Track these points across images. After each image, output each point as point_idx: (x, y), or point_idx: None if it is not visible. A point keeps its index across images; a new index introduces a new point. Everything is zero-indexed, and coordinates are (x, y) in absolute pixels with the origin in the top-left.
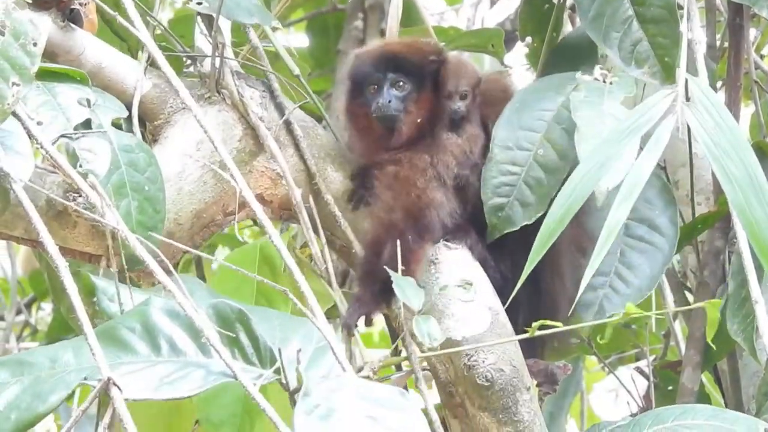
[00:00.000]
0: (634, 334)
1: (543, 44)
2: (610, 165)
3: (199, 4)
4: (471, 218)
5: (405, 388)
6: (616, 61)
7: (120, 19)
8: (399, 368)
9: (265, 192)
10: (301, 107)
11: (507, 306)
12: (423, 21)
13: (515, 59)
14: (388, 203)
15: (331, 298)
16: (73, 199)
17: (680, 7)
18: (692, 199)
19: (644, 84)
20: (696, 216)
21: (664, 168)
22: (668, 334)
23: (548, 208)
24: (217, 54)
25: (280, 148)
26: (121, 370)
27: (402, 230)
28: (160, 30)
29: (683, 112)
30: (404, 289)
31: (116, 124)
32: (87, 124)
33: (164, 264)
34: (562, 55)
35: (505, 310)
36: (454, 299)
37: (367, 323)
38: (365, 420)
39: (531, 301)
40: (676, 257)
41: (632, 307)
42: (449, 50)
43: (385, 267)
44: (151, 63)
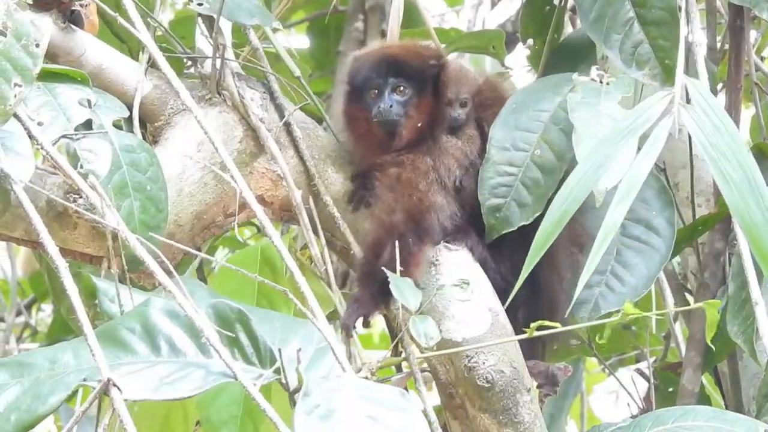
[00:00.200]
0: (635, 336)
1: (544, 46)
2: (608, 166)
3: (199, 5)
4: (471, 220)
5: (405, 389)
6: (617, 63)
7: (121, 20)
8: (399, 369)
9: (266, 193)
10: (301, 108)
11: (506, 306)
12: (424, 22)
13: (516, 61)
14: (389, 205)
15: (332, 300)
16: (74, 200)
17: (681, 9)
18: (692, 201)
19: (642, 85)
20: (696, 218)
21: (663, 170)
22: (668, 336)
23: (545, 209)
24: (217, 55)
25: (280, 149)
26: (120, 371)
27: (402, 233)
28: (160, 31)
29: (680, 113)
30: (402, 289)
31: (117, 126)
32: (88, 124)
33: (165, 265)
34: (562, 57)
35: (505, 310)
36: (454, 300)
37: (365, 324)
38: (365, 420)
39: (530, 301)
40: (677, 259)
41: (630, 308)
42: (450, 52)
43: (384, 268)
44: (152, 64)
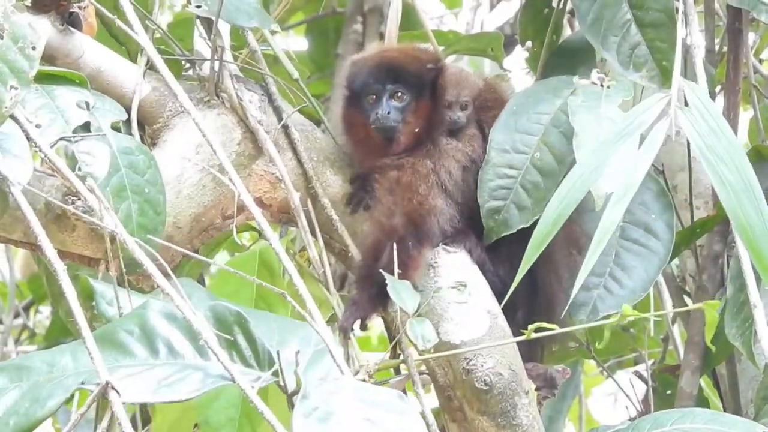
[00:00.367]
0: (633, 338)
1: (542, 48)
2: (604, 168)
3: (198, 7)
4: (470, 222)
5: (404, 391)
6: (615, 65)
7: (119, 23)
8: (397, 371)
9: (264, 196)
10: (300, 111)
11: (504, 307)
12: (422, 25)
13: (514, 63)
14: (389, 208)
15: (330, 303)
16: (72, 203)
17: (679, 11)
18: (691, 203)
19: (642, 88)
20: (695, 220)
21: (662, 172)
22: (667, 338)
23: None
24: (216, 57)
25: (278, 151)
26: (119, 374)
27: (402, 236)
28: (159, 33)
29: (677, 115)
30: (399, 292)
31: (115, 128)
32: (86, 127)
33: (163, 267)
34: (561, 59)
35: (503, 311)
36: (452, 302)
37: (362, 327)
38: (363, 422)
39: (529, 302)
40: (675, 261)
41: (629, 309)
42: (448, 54)
43: (383, 271)
44: (150, 66)
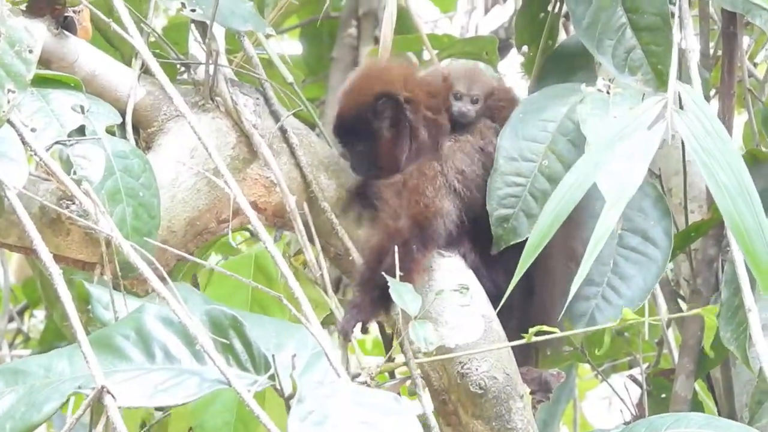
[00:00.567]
0: (628, 342)
1: (538, 52)
2: (600, 171)
3: (193, 11)
4: (465, 226)
5: (398, 395)
6: (610, 69)
7: (114, 26)
8: (392, 376)
9: (259, 200)
10: (294, 115)
11: (500, 313)
12: (417, 29)
13: (509, 67)
14: (395, 210)
15: (326, 307)
16: (67, 207)
17: (674, 15)
18: (685, 207)
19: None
20: (689, 224)
21: (659, 176)
22: (661, 342)
23: None
24: (211, 61)
25: (273, 155)
26: (115, 378)
27: (407, 239)
28: (154, 37)
29: (673, 119)
30: (401, 294)
31: (110, 132)
32: (81, 130)
33: (158, 271)
34: (557, 63)
35: (498, 316)
36: (448, 307)
37: (363, 330)
38: (360, 425)
39: (523, 309)
40: (669, 265)
41: (629, 313)
42: (443, 58)
43: (385, 274)
44: (145, 70)
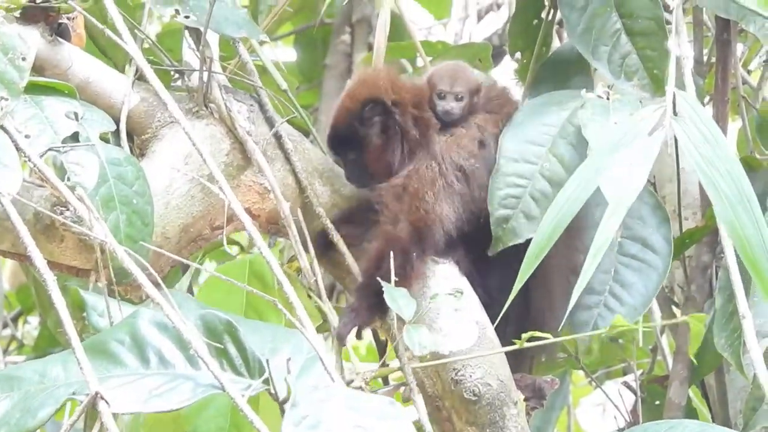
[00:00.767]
0: (622, 349)
1: (532, 59)
2: (600, 179)
3: (187, 17)
4: (460, 233)
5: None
6: (606, 75)
7: (108, 33)
8: (386, 381)
9: (253, 206)
10: (288, 122)
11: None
12: (410, 35)
13: (503, 73)
14: (395, 215)
15: (319, 315)
16: (61, 213)
17: (668, 22)
18: (679, 214)
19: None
20: (683, 231)
21: (653, 183)
22: (655, 349)
23: None
24: (205, 68)
25: (267, 162)
26: (110, 383)
27: (406, 246)
28: (148, 44)
29: (672, 126)
30: (396, 299)
31: (104, 139)
32: (75, 137)
33: (152, 277)
34: (551, 70)
35: (494, 326)
36: (442, 314)
37: (357, 336)
38: (354, 430)
39: (520, 318)
40: None
41: (620, 320)
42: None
43: (383, 280)
44: (139, 77)
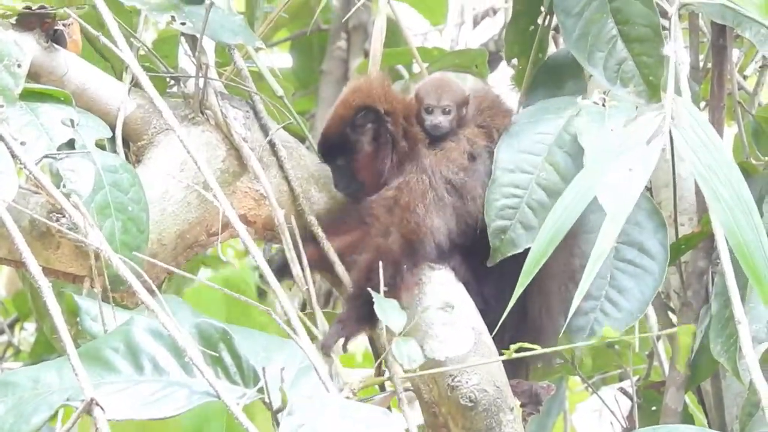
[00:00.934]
0: (618, 355)
1: (528, 65)
2: (599, 187)
3: (182, 24)
4: (454, 245)
5: (388, 408)
6: (602, 81)
7: (104, 40)
8: (382, 388)
9: (249, 213)
10: (284, 128)
11: (492, 328)
12: (406, 41)
13: (499, 79)
14: (387, 228)
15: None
16: (57, 220)
17: (664, 28)
18: (675, 220)
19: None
20: (679, 236)
21: (649, 189)
22: (652, 355)
23: None
24: (200, 74)
25: (263, 168)
26: (104, 390)
27: (397, 258)
28: (143, 51)
29: (671, 133)
30: (386, 310)
31: (100, 146)
32: (71, 144)
33: (147, 284)
34: (547, 76)
35: (491, 332)
36: (437, 320)
37: (344, 347)
38: None
39: (518, 326)
40: None
41: (610, 331)
42: (433, 71)
43: (373, 292)
44: (135, 84)
